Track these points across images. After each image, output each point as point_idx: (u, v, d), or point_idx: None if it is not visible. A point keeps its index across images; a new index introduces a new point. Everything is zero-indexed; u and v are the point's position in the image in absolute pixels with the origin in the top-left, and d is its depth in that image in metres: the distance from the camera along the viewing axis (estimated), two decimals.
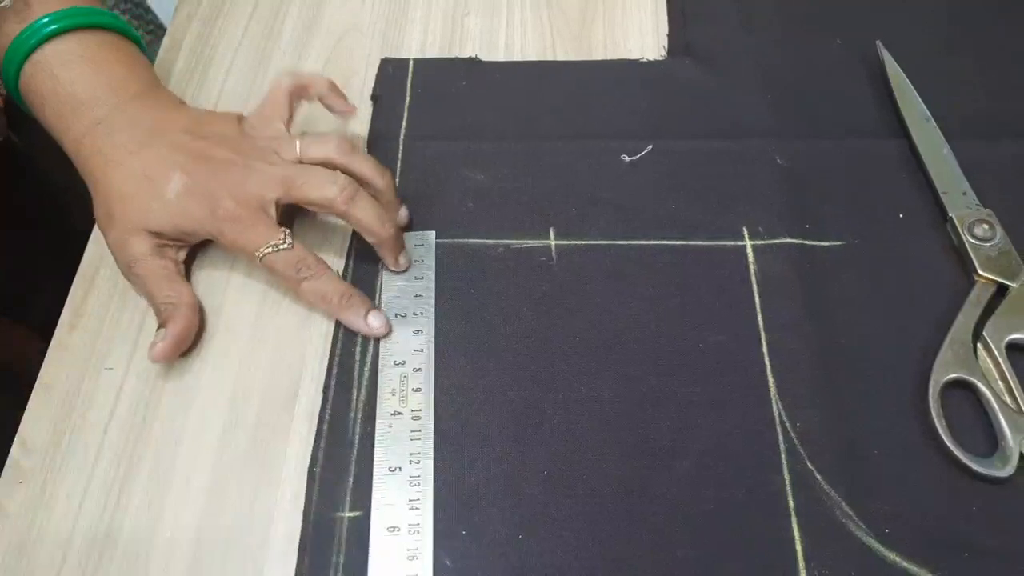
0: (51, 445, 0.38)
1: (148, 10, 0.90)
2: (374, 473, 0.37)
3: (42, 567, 0.35)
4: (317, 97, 0.45)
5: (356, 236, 0.44)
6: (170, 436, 0.38)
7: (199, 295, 0.42)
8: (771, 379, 0.40)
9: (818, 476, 0.37)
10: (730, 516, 0.36)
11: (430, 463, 0.37)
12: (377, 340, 0.41)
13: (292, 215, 0.44)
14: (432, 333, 0.41)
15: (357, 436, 0.38)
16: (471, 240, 0.44)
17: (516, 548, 0.35)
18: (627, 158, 0.47)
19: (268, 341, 0.41)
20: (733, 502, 0.36)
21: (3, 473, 0.38)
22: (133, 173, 0.40)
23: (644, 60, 0.52)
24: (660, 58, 0.52)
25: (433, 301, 0.42)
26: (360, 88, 0.51)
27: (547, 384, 0.40)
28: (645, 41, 0.53)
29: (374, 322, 0.40)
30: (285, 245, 0.39)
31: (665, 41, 0.53)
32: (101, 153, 0.41)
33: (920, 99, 0.48)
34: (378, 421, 0.38)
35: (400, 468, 0.37)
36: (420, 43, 0.53)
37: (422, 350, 0.40)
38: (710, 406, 0.39)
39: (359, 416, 0.39)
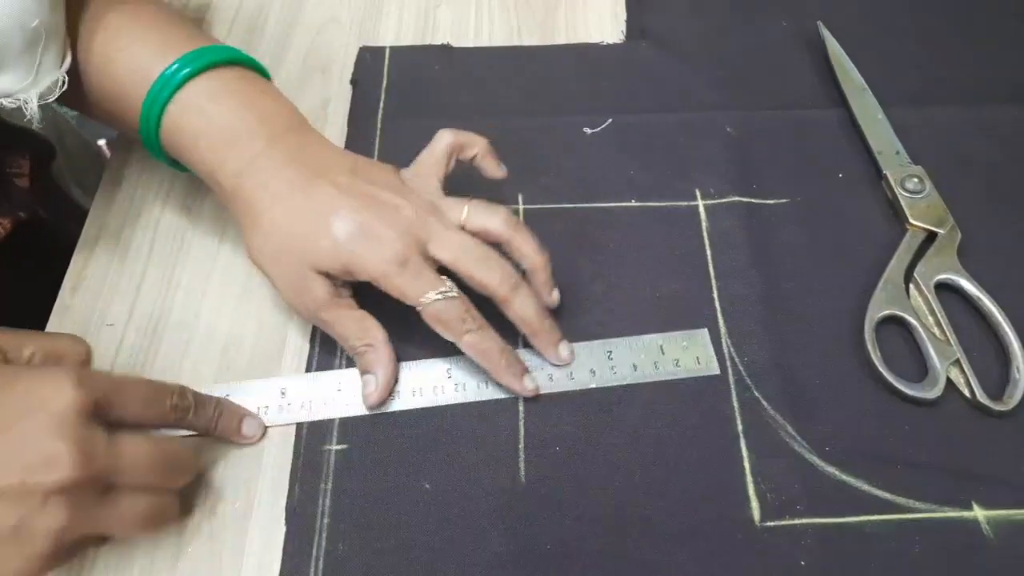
0: None
1: None
2: None
3: None
4: (472, 156, 0.45)
5: None
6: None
7: (192, 260, 0.45)
8: (721, 320, 0.43)
9: (764, 403, 0.40)
10: (684, 440, 0.39)
11: None
12: None
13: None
14: None
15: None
16: None
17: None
18: (588, 131, 0.51)
19: (257, 300, 0.44)
20: (687, 427, 0.40)
21: None
22: (302, 210, 0.39)
23: (604, 44, 0.56)
24: (618, 41, 0.56)
25: None
26: (339, 74, 0.54)
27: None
28: (604, 26, 0.57)
29: (529, 384, 0.40)
30: (453, 293, 0.38)
31: (623, 26, 0.57)
32: (266, 187, 0.39)
33: (857, 72, 0.52)
34: None
35: None
36: (395, 33, 0.57)
37: None
38: None
39: (343, 364, 0.42)
